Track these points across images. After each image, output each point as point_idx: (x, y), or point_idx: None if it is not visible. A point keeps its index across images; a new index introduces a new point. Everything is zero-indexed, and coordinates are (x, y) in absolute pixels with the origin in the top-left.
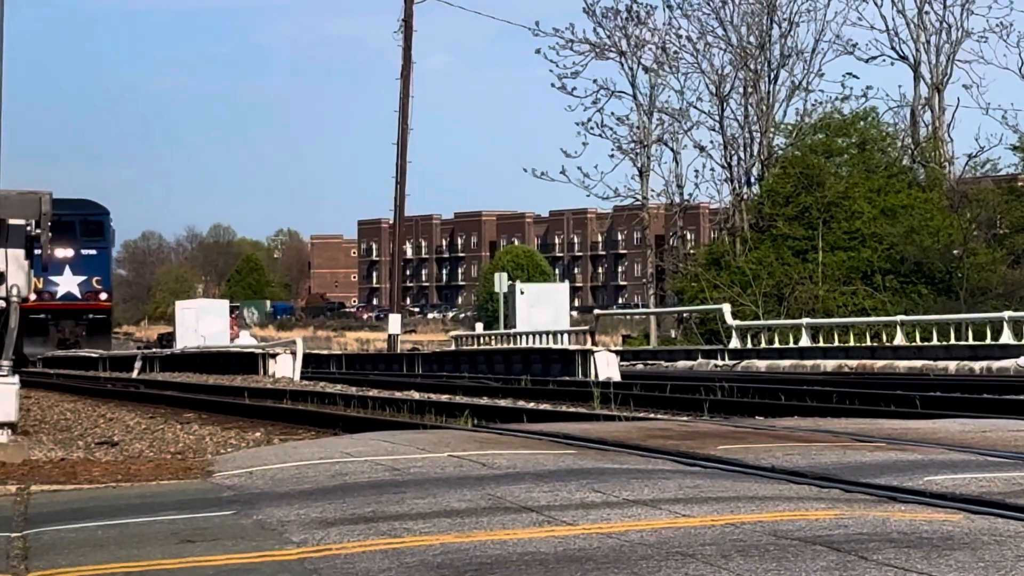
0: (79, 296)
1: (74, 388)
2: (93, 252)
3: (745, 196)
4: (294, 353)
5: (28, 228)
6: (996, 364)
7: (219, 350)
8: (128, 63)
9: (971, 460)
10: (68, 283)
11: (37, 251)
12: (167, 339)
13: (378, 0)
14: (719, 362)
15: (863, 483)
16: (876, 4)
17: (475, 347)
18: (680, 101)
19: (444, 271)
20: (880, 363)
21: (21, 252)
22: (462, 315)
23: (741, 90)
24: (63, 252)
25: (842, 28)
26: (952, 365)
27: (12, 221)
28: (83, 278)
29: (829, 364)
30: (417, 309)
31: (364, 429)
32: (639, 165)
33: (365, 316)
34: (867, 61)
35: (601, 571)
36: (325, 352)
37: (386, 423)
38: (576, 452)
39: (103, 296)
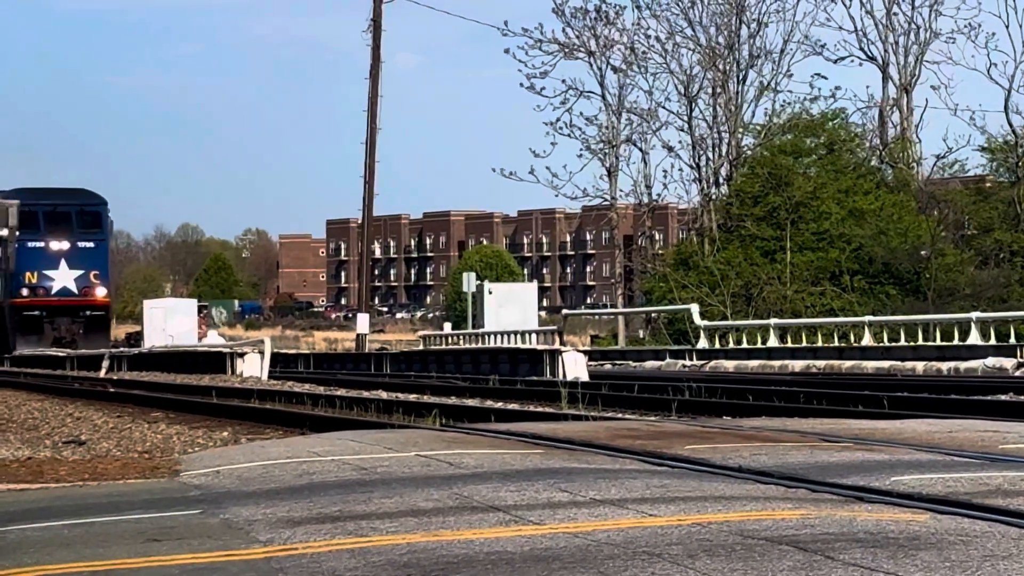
0: (76, 291)
1: (41, 387)
2: (90, 245)
3: (713, 196)
4: (262, 352)
5: None
6: (963, 365)
7: (187, 349)
8: (97, 62)
9: (938, 460)
10: (64, 278)
11: (36, 243)
12: (135, 338)
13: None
14: (687, 362)
15: (830, 483)
16: (845, 5)
17: (443, 347)
18: (649, 101)
19: (412, 271)
20: (848, 363)
21: None
22: (430, 315)
23: (710, 90)
24: (58, 245)
25: (811, 29)
26: (919, 366)
27: None
28: (80, 272)
29: (797, 364)
30: (385, 309)
31: (331, 428)
32: (608, 165)
33: (333, 316)
34: (836, 62)
35: (568, 570)
36: (293, 351)
37: (353, 422)
38: (543, 452)
39: (101, 291)
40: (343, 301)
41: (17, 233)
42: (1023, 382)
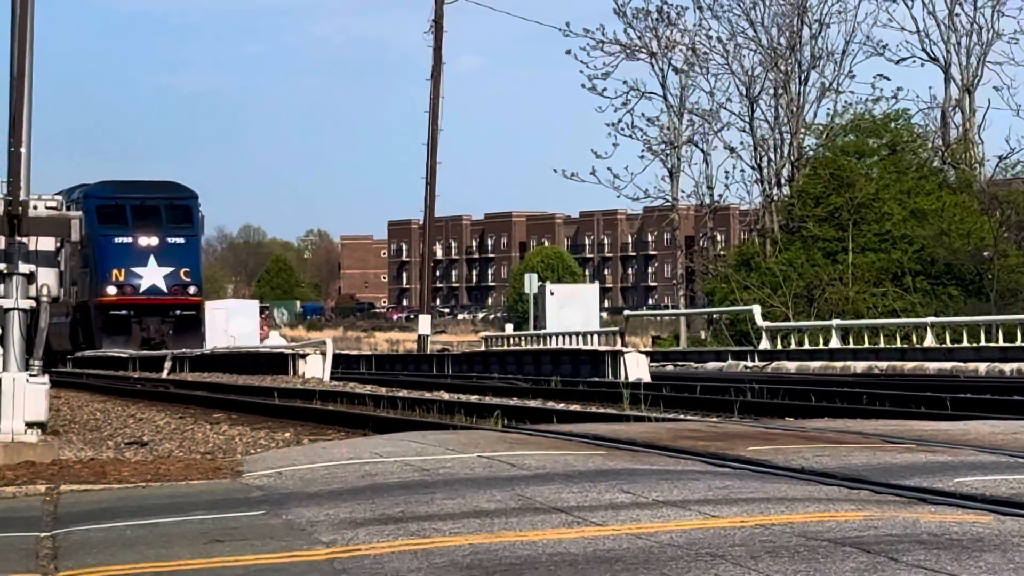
0: (165, 290)
1: (104, 388)
2: (180, 240)
3: (775, 197)
4: (324, 353)
5: (58, 251)
6: None
7: (249, 350)
8: (158, 63)
9: (1001, 462)
10: (153, 275)
11: (123, 238)
12: None
13: (409, 1)
14: (749, 363)
15: (893, 484)
16: (907, 5)
17: (505, 348)
18: (710, 102)
19: (474, 272)
20: (910, 364)
21: (51, 250)
22: (492, 316)
23: (771, 91)
24: (147, 240)
25: (872, 29)
26: (982, 367)
27: (42, 242)
28: (170, 269)
29: (859, 365)
30: (447, 310)
31: (394, 430)
32: (669, 166)
33: (395, 317)
34: (897, 62)
35: (630, 572)
36: (355, 352)
37: (416, 424)
38: (606, 453)
39: (192, 290)
40: (405, 302)
41: (86, 232)
42: None
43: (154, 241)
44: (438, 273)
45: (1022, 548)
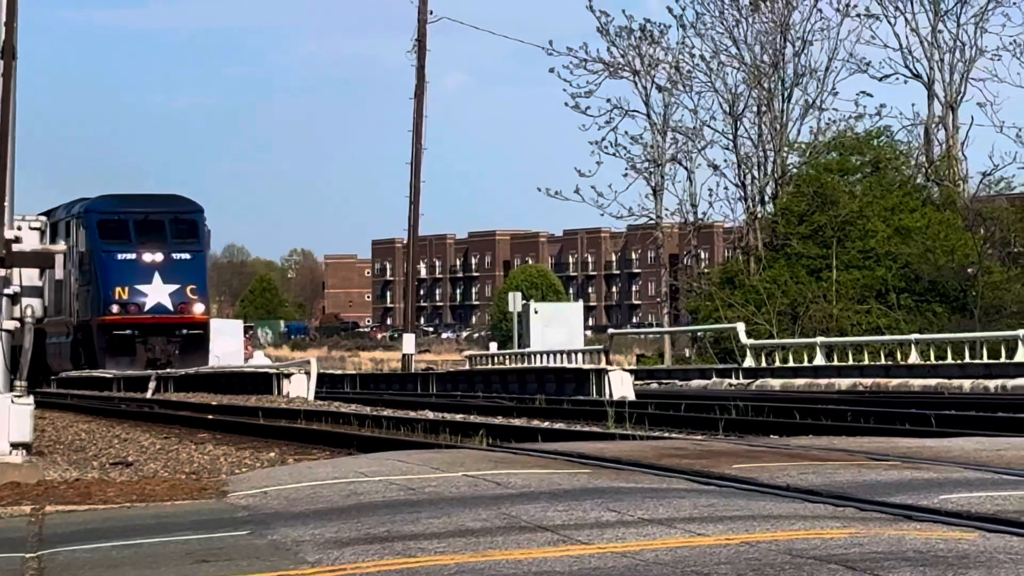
0: (171, 308)
1: (89, 408)
2: (186, 256)
3: (759, 215)
4: (308, 373)
5: (41, 273)
6: (1011, 382)
7: (233, 370)
8: (143, 82)
9: (986, 478)
10: (158, 293)
11: (127, 255)
12: None
13: (394, 19)
14: (733, 381)
15: (878, 501)
16: (890, 23)
17: (489, 366)
18: (694, 120)
19: (458, 291)
20: (895, 381)
21: (35, 272)
22: (476, 335)
23: (755, 109)
24: (151, 256)
25: (855, 47)
26: (967, 383)
27: (26, 274)
28: (175, 287)
29: (843, 383)
30: (431, 329)
31: (378, 449)
32: (653, 184)
33: (379, 336)
34: (881, 79)
35: None
36: (339, 372)
37: (400, 443)
38: (591, 471)
39: (199, 308)
40: (389, 321)
41: (88, 248)
42: None
43: (159, 257)
44: (422, 292)
45: (1007, 565)
